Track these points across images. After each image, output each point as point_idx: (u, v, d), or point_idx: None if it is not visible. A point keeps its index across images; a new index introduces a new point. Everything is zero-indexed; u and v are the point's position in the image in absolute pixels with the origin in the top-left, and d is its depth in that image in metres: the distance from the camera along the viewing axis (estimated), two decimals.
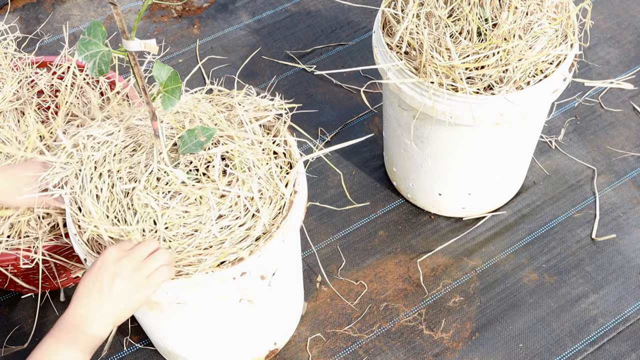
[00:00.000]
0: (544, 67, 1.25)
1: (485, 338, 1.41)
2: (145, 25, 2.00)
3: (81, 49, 0.92)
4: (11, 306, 1.49)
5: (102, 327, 0.94)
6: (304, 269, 1.50)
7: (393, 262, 1.52)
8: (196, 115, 1.15)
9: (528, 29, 1.25)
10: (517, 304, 1.45)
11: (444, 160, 1.41)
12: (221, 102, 1.20)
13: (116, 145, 1.14)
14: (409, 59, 1.27)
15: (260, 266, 1.04)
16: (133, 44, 0.90)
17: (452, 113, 1.24)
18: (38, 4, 2.06)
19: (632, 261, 1.50)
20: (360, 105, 1.77)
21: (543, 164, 1.65)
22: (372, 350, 1.41)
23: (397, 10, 1.30)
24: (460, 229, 1.56)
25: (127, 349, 1.42)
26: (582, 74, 1.79)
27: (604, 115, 1.73)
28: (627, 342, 1.40)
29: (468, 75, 1.22)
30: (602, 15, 1.92)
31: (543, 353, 1.39)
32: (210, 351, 1.29)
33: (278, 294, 1.23)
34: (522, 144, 1.43)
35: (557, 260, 1.51)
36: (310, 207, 1.60)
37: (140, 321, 1.28)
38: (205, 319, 1.16)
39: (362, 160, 1.69)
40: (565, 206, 1.58)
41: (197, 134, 1.07)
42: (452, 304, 1.46)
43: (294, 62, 1.88)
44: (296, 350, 1.41)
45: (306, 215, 1.11)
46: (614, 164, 1.65)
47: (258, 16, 2.00)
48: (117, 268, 0.95)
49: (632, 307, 1.44)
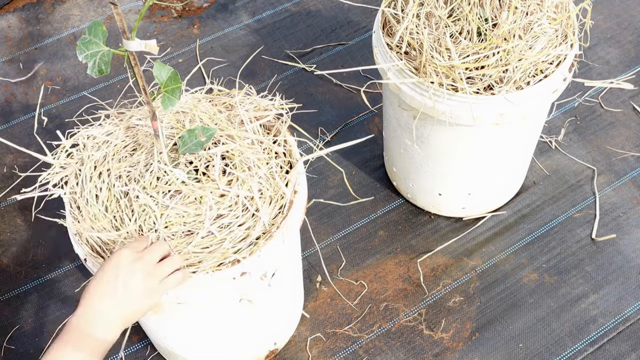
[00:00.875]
0: (544, 67, 1.25)
1: (485, 338, 1.41)
2: (145, 25, 2.00)
3: (81, 48, 0.92)
4: (11, 306, 1.49)
5: (112, 331, 0.92)
6: (304, 269, 1.50)
7: (393, 262, 1.52)
8: (196, 115, 1.15)
9: (528, 29, 1.25)
10: (517, 304, 1.45)
11: (444, 160, 1.41)
12: (221, 102, 1.20)
13: (116, 145, 1.14)
14: (409, 59, 1.27)
15: (260, 266, 1.04)
16: (133, 44, 0.90)
17: (452, 113, 1.24)
18: (38, 4, 2.06)
19: (632, 261, 1.50)
20: (360, 105, 1.77)
21: (543, 164, 1.65)
22: (372, 350, 1.41)
23: (397, 10, 1.30)
24: (460, 229, 1.56)
25: (127, 349, 1.42)
26: (582, 74, 1.79)
27: (604, 115, 1.73)
28: (627, 342, 1.40)
29: (468, 75, 1.22)
30: (602, 15, 1.92)
31: (543, 353, 1.39)
32: (210, 351, 1.29)
33: (278, 294, 1.23)
34: (522, 144, 1.43)
35: (557, 260, 1.51)
36: (311, 207, 1.60)
37: (140, 321, 1.28)
38: (205, 319, 1.16)
39: (362, 160, 1.69)
40: (565, 206, 1.58)
41: (198, 134, 1.07)
42: (452, 304, 1.46)
43: (294, 61, 1.88)
44: (296, 350, 1.41)
45: (306, 215, 1.11)
46: (614, 164, 1.65)
47: (258, 16, 2.00)
48: (131, 271, 0.93)
49: (632, 307, 1.44)
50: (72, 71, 1.90)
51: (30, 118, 1.81)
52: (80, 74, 1.89)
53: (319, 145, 1.70)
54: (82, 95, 1.84)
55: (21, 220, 1.62)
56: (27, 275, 1.53)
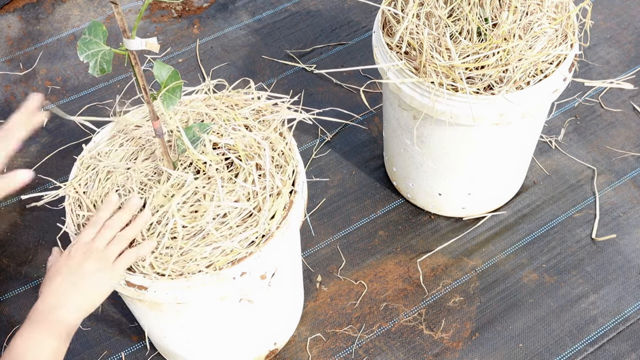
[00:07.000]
0: (544, 67, 1.25)
1: (485, 338, 1.41)
2: (145, 25, 2.00)
3: (82, 48, 0.92)
4: (11, 306, 1.49)
5: (71, 313, 0.96)
6: (304, 269, 1.50)
7: (393, 262, 1.52)
8: (197, 114, 1.15)
9: (528, 28, 1.25)
10: (517, 304, 1.45)
11: (444, 160, 1.41)
12: (222, 102, 1.20)
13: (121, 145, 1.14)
14: (409, 59, 1.27)
15: (260, 266, 1.04)
16: (134, 42, 0.90)
17: (452, 113, 1.24)
18: (38, 4, 2.06)
19: (632, 261, 1.50)
20: (360, 105, 1.77)
21: (543, 164, 1.65)
22: (372, 350, 1.41)
23: (397, 10, 1.30)
24: (460, 229, 1.56)
25: (127, 349, 1.42)
26: (582, 74, 1.79)
27: (604, 115, 1.73)
28: (627, 342, 1.40)
29: (468, 75, 1.22)
30: (602, 15, 1.92)
31: (543, 353, 1.39)
32: (210, 351, 1.29)
33: (278, 294, 1.23)
34: (522, 143, 1.43)
35: (557, 260, 1.51)
36: (310, 206, 1.60)
37: (140, 321, 1.28)
38: (205, 319, 1.16)
39: (362, 160, 1.69)
40: (565, 206, 1.58)
41: (195, 131, 1.07)
42: (452, 304, 1.46)
43: (294, 61, 1.88)
44: (296, 350, 1.41)
45: (306, 215, 1.11)
46: (614, 164, 1.65)
47: (258, 16, 2.00)
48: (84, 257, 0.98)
49: (632, 307, 1.44)
50: (72, 71, 1.90)
51: None
52: (81, 74, 1.89)
53: (318, 145, 1.70)
54: (82, 95, 1.84)
55: (21, 220, 1.62)
56: (27, 275, 1.53)
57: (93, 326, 1.45)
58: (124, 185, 1.09)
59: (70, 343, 0.96)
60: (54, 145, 1.74)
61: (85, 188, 1.11)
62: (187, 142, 1.06)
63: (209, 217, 1.04)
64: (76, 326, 0.97)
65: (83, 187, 1.11)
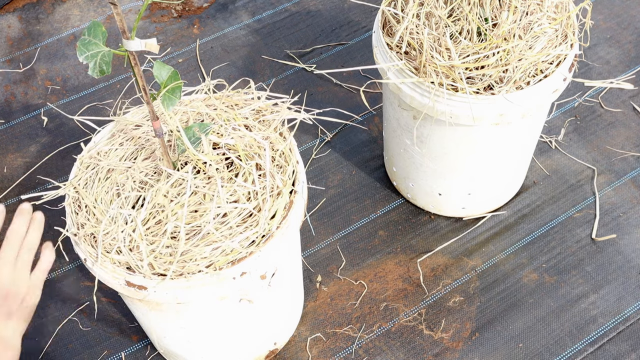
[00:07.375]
0: (544, 67, 1.25)
1: (485, 338, 1.41)
2: (145, 25, 2.00)
3: (81, 49, 0.92)
4: None
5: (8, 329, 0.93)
6: (304, 269, 1.50)
7: (393, 262, 1.52)
8: (197, 114, 1.15)
9: (528, 28, 1.25)
10: (517, 304, 1.45)
11: (444, 160, 1.41)
12: (222, 102, 1.20)
13: (121, 144, 1.14)
14: (409, 59, 1.27)
15: (260, 266, 1.04)
16: (133, 43, 0.90)
17: (452, 113, 1.24)
18: (38, 4, 2.06)
19: (632, 261, 1.50)
20: (360, 105, 1.77)
21: (543, 164, 1.65)
22: (372, 350, 1.41)
23: (397, 10, 1.30)
24: (460, 229, 1.56)
25: (127, 349, 1.42)
26: (582, 74, 1.79)
27: (604, 115, 1.73)
28: (627, 342, 1.40)
29: (468, 75, 1.22)
30: (602, 15, 1.92)
31: (543, 353, 1.39)
32: (210, 351, 1.29)
33: (278, 294, 1.23)
34: (522, 143, 1.43)
35: (557, 260, 1.51)
36: (310, 206, 1.60)
37: (140, 321, 1.28)
38: (205, 319, 1.16)
39: (362, 160, 1.69)
40: (565, 206, 1.58)
41: (195, 131, 1.07)
42: (452, 304, 1.46)
43: (294, 61, 1.88)
44: (296, 350, 1.41)
45: (306, 214, 1.11)
46: (614, 164, 1.65)
47: (258, 16, 2.00)
48: None
49: (632, 307, 1.44)
50: (72, 71, 1.90)
51: (30, 118, 1.81)
52: (81, 74, 1.89)
53: (318, 145, 1.70)
54: (82, 95, 1.84)
55: None
56: None
57: (93, 326, 1.45)
58: (123, 185, 1.09)
59: (70, 343, 0.96)
60: (54, 145, 1.74)
61: (85, 188, 1.11)
62: (187, 142, 1.06)
63: (209, 217, 1.04)
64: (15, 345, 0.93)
65: (83, 187, 1.11)
